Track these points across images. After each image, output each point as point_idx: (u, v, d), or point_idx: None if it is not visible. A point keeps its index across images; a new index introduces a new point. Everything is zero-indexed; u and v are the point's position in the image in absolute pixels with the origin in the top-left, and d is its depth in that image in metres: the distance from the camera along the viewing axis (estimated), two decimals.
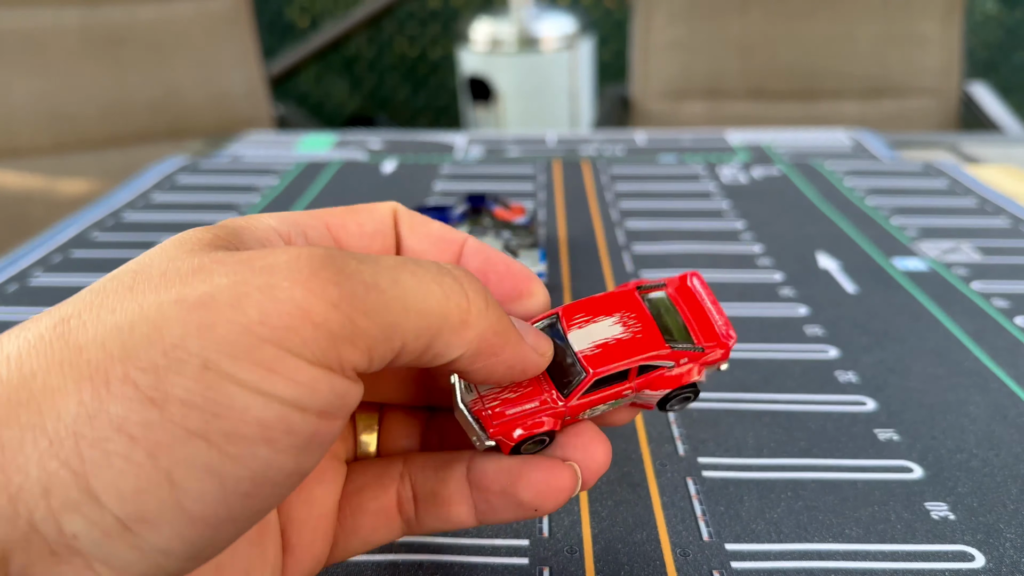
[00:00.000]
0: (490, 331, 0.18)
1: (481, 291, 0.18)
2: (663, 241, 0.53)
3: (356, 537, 0.21)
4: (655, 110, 1.34)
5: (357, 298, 0.15)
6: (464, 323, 0.17)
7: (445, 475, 0.21)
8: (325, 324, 0.14)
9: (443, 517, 0.21)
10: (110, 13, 1.20)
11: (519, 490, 0.20)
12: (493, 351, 0.18)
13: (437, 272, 0.17)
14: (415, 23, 2.08)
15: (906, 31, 1.26)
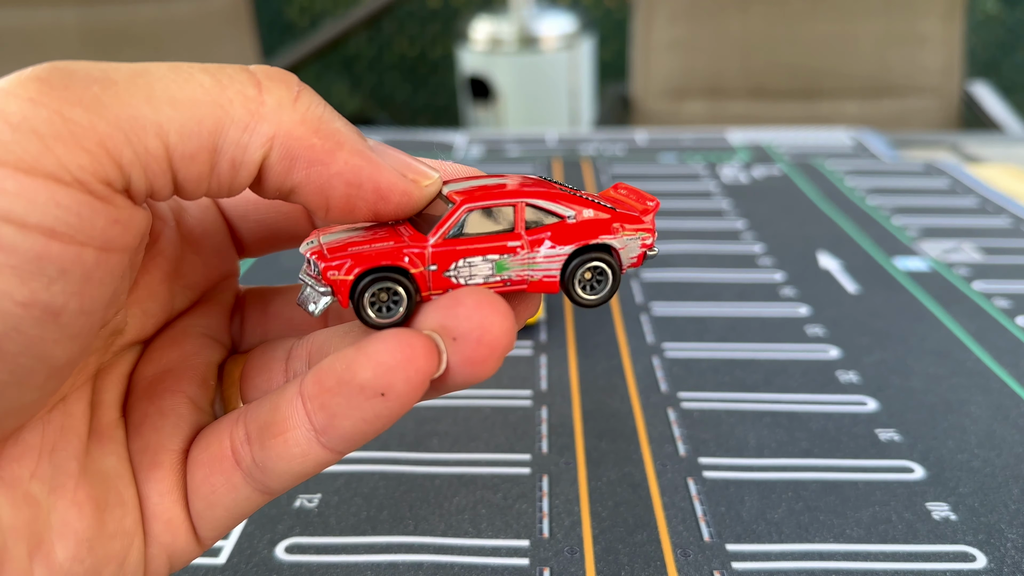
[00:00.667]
0: (303, 127, 0.14)
1: (287, 82, 0.14)
2: (663, 241, 0.53)
3: (200, 497, 0.17)
4: (655, 109, 1.34)
5: (70, 91, 0.12)
6: (254, 115, 0.14)
7: (277, 400, 0.17)
8: (25, 122, 0.12)
9: (281, 452, 0.16)
10: (109, 12, 1.20)
11: (356, 369, 0.15)
12: (317, 156, 0.15)
13: (216, 66, 0.14)
14: (415, 22, 2.08)
15: (907, 30, 1.26)
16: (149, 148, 0.13)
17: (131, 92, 0.13)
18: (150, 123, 0.13)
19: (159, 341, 0.19)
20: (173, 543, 0.17)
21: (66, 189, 0.12)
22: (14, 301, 0.12)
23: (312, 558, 0.27)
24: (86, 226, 0.13)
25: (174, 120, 0.13)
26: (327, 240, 0.17)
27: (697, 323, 0.42)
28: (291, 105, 0.14)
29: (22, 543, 0.14)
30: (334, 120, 0.15)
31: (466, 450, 0.32)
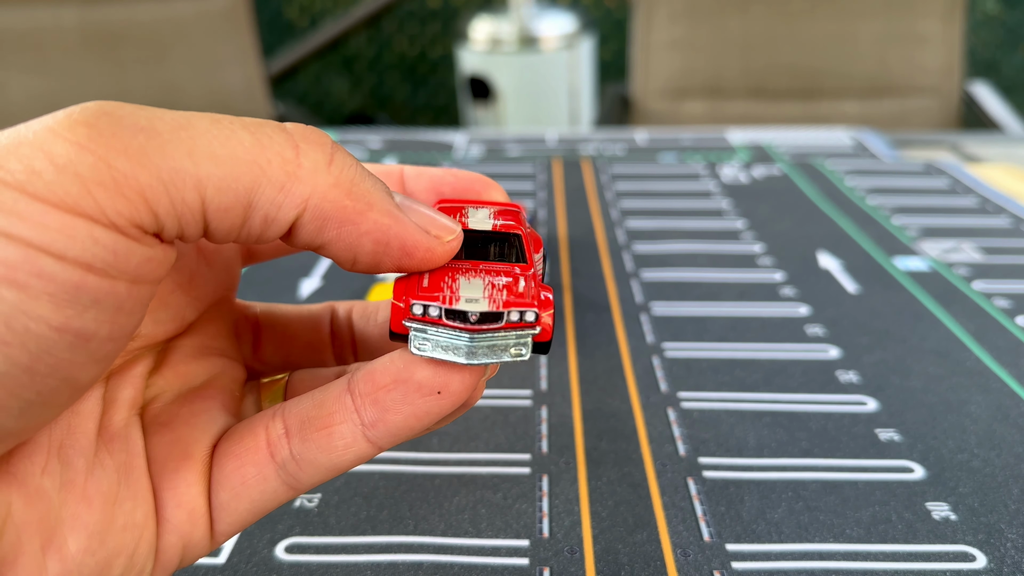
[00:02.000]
0: (336, 190, 0.15)
1: (323, 144, 0.15)
2: (663, 240, 0.53)
3: (227, 489, 0.18)
4: (655, 109, 1.34)
5: (116, 139, 0.13)
6: (291, 176, 0.14)
7: (322, 397, 0.18)
8: (70, 166, 0.13)
9: (323, 445, 0.17)
10: (109, 12, 1.20)
11: (415, 369, 0.17)
12: (348, 217, 0.15)
13: (255, 123, 0.15)
14: (415, 22, 2.08)
15: (907, 30, 1.26)
16: (186, 200, 0.14)
17: (174, 144, 0.13)
18: (190, 176, 0.13)
19: (179, 355, 0.20)
20: (191, 533, 0.17)
21: (103, 229, 0.13)
22: (50, 326, 0.13)
23: (312, 558, 0.27)
24: (120, 262, 0.13)
25: (213, 176, 0.14)
26: (465, 292, 0.18)
27: (697, 323, 0.42)
28: (326, 168, 0.15)
29: (35, 537, 0.15)
30: (365, 180, 0.16)
31: (466, 450, 0.32)
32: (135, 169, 0.13)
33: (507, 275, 0.18)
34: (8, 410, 0.13)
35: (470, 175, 0.20)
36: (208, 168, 0.14)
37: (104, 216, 0.13)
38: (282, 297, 0.46)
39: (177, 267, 0.19)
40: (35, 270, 0.12)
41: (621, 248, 0.52)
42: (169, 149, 0.13)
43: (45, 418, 0.14)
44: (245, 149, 0.14)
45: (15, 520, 0.15)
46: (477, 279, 0.18)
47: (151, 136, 0.13)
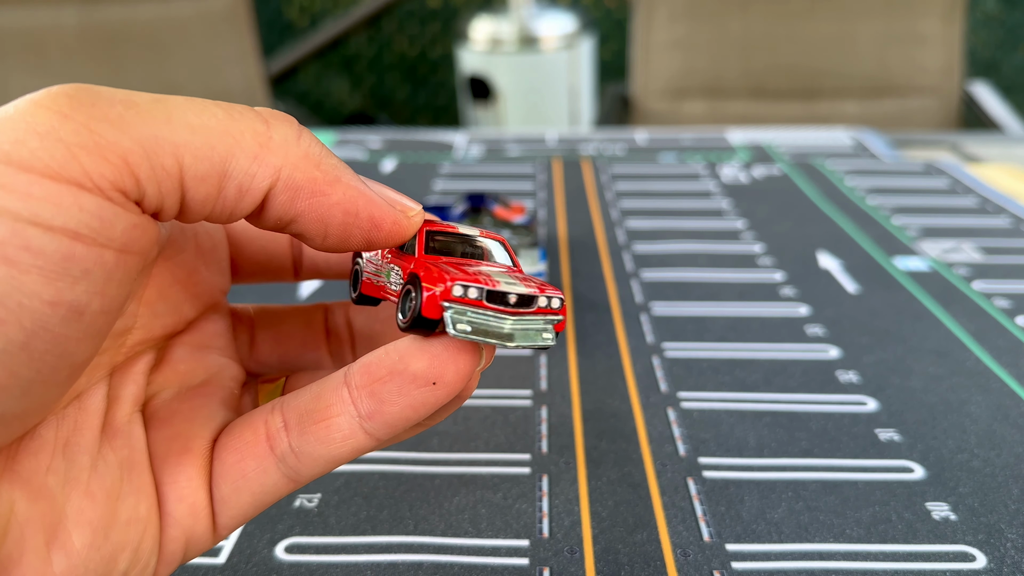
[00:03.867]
0: (307, 161, 0.16)
1: (290, 122, 0.16)
2: (663, 240, 0.53)
3: (228, 483, 0.18)
4: (655, 109, 1.34)
5: (96, 108, 0.13)
6: (263, 147, 0.15)
7: (319, 390, 0.18)
8: (53, 132, 0.13)
9: (321, 437, 0.17)
10: (109, 12, 1.20)
11: (411, 361, 0.17)
12: (318, 188, 0.16)
13: (227, 104, 0.15)
14: (415, 22, 2.08)
15: (907, 30, 1.26)
16: (165, 166, 0.14)
17: (152, 114, 0.14)
18: (168, 143, 0.14)
19: (179, 353, 0.20)
20: (194, 527, 0.18)
21: (89, 195, 0.13)
22: (42, 300, 0.13)
23: (312, 558, 0.27)
24: (107, 229, 0.13)
25: (190, 143, 0.14)
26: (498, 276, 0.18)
27: (697, 323, 0.42)
28: (295, 141, 0.16)
29: (40, 534, 0.15)
30: (331, 157, 0.16)
31: (466, 450, 0.32)
32: (116, 135, 0.13)
33: (512, 271, 0.19)
34: (9, 391, 0.13)
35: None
36: (185, 136, 0.14)
37: (89, 180, 0.13)
38: (281, 298, 0.46)
39: (176, 262, 0.20)
40: (23, 243, 0.12)
41: (621, 248, 0.52)
42: (148, 118, 0.14)
43: (47, 398, 0.14)
44: (219, 121, 0.15)
45: (19, 518, 0.15)
46: (494, 269, 0.19)
47: (129, 107, 0.14)
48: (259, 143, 0.15)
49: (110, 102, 0.14)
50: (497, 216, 0.49)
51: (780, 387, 0.36)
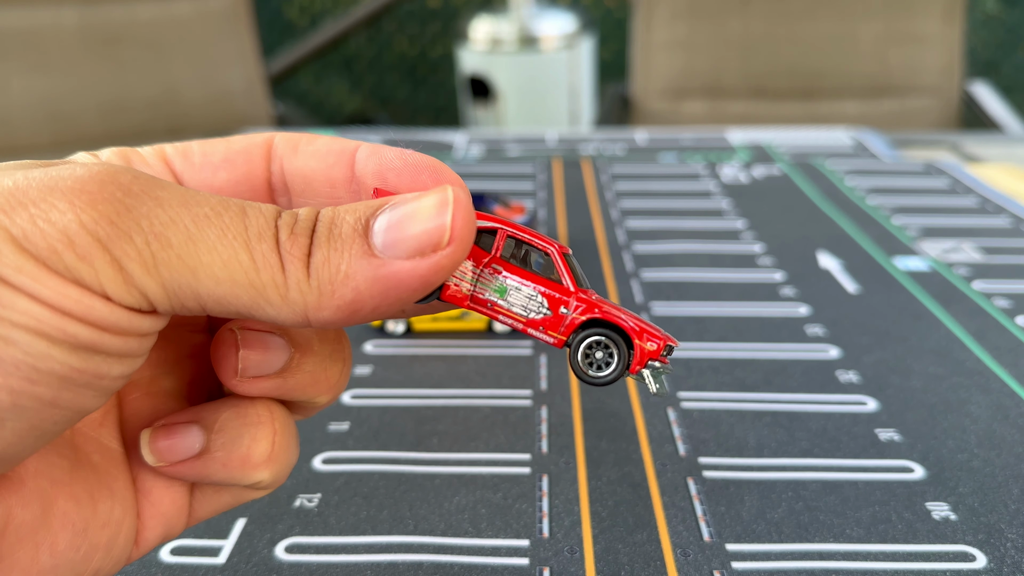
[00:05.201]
0: (322, 299, 0.16)
1: (299, 258, 0.16)
2: (663, 240, 0.53)
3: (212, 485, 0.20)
4: (655, 109, 1.34)
5: (131, 245, 0.14)
6: (284, 299, 0.15)
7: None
8: (88, 258, 0.14)
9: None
10: (109, 12, 1.20)
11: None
12: (343, 316, 0.16)
13: (256, 234, 0.15)
14: (415, 22, 2.08)
15: (907, 30, 1.26)
16: (186, 305, 0.15)
17: (182, 259, 0.15)
18: (192, 291, 0.15)
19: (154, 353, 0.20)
20: (175, 521, 0.19)
21: (114, 307, 0.14)
22: (71, 368, 0.14)
23: (312, 558, 0.27)
24: (131, 326, 0.15)
25: (213, 293, 0.15)
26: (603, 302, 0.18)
27: (697, 323, 0.42)
28: (306, 282, 0.16)
29: (32, 536, 0.16)
30: (342, 267, 0.16)
31: (466, 450, 0.32)
32: (143, 277, 0.14)
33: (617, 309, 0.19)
34: (25, 440, 0.15)
35: (419, 162, 0.19)
36: (209, 287, 0.15)
37: (115, 298, 0.14)
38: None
39: None
40: (59, 326, 0.14)
41: (621, 248, 0.52)
42: (177, 264, 0.15)
43: (47, 442, 0.15)
44: (243, 272, 0.15)
45: (15, 522, 0.16)
46: (621, 313, 0.19)
47: (164, 246, 0.15)
48: (280, 295, 0.15)
49: (146, 236, 0.14)
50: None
51: (780, 387, 0.36)
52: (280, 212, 0.16)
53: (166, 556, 0.27)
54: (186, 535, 0.28)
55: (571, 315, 0.18)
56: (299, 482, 0.31)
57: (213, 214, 0.15)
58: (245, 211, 0.15)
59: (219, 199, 0.15)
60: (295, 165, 0.20)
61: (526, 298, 0.18)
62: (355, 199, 0.20)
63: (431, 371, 0.38)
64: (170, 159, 0.20)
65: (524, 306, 0.18)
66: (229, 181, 0.20)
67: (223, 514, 0.29)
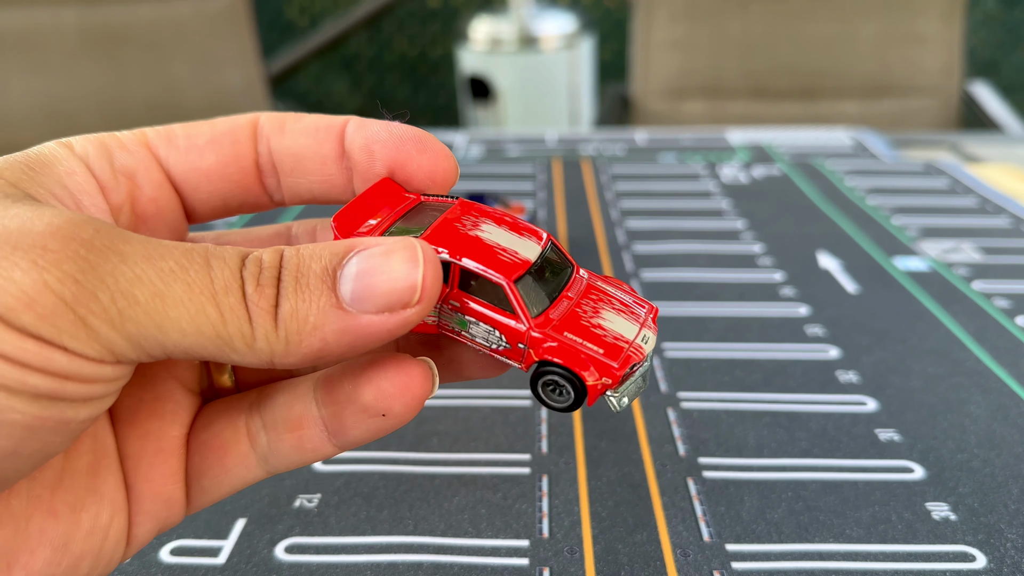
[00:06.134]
0: (288, 347, 0.16)
1: (266, 310, 0.15)
2: (663, 240, 0.53)
3: (209, 477, 0.19)
4: (655, 109, 1.34)
5: (96, 302, 0.14)
6: (250, 348, 0.15)
7: (292, 398, 0.19)
8: (50, 317, 0.14)
9: (294, 445, 0.19)
10: (108, 12, 1.20)
11: (361, 391, 0.18)
12: (310, 360, 0.16)
13: (223, 287, 0.15)
14: (415, 22, 2.08)
15: (907, 30, 1.26)
16: (151, 355, 0.15)
17: (149, 315, 0.14)
18: (158, 344, 0.15)
19: None
20: (168, 517, 0.19)
21: (76, 359, 0.14)
22: (35, 417, 0.14)
23: (312, 558, 0.27)
24: (94, 375, 0.15)
25: (180, 345, 0.15)
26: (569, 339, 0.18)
27: (697, 323, 0.42)
28: (274, 333, 0.16)
29: (2, 559, 0.16)
30: (310, 320, 0.16)
31: (466, 450, 0.32)
32: (109, 332, 0.14)
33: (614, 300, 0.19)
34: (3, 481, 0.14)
35: (403, 133, 0.20)
36: (175, 339, 0.15)
37: (77, 352, 0.14)
38: None
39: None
40: (17, 378, 0.14)
41: (621, 248, 0.52)
42: (144, 320, 0.14)
43: (15, 483, 0.15)
44: (211, 324, 0.15)
45: None
46: (612, 313, 0.19)
47: (130, 303, 0.14)
48: (247, 344, 0.15)
49: (111, 295, 0.14)
50: None
51: (780, 387, 0.36)
52: (244, 259, 0.16)
53: (166, 556, 0.27)
54: (186, 535, 0.28)
55: (526, 350, 0.18)
56: (299, 482, 0.31)
57: (178, 268, 0.15)
58: (210, 263, 0.15)
59: (183, 250, 0.15)
60: (283, 144, 0.20)
61: (485, 332, 0.18)
62: (345, 176, 0.20)
63: None
64: (153, 145, 0.19)
65: (484, 338, 0.18)
66: (217, 163, 0.20)
67: (223, 514, 0.29)
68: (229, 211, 0.21)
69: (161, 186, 0.20)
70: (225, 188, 0.20)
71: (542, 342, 0.18)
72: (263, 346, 0.15)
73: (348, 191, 0.20)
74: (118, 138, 0.19)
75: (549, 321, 0.18)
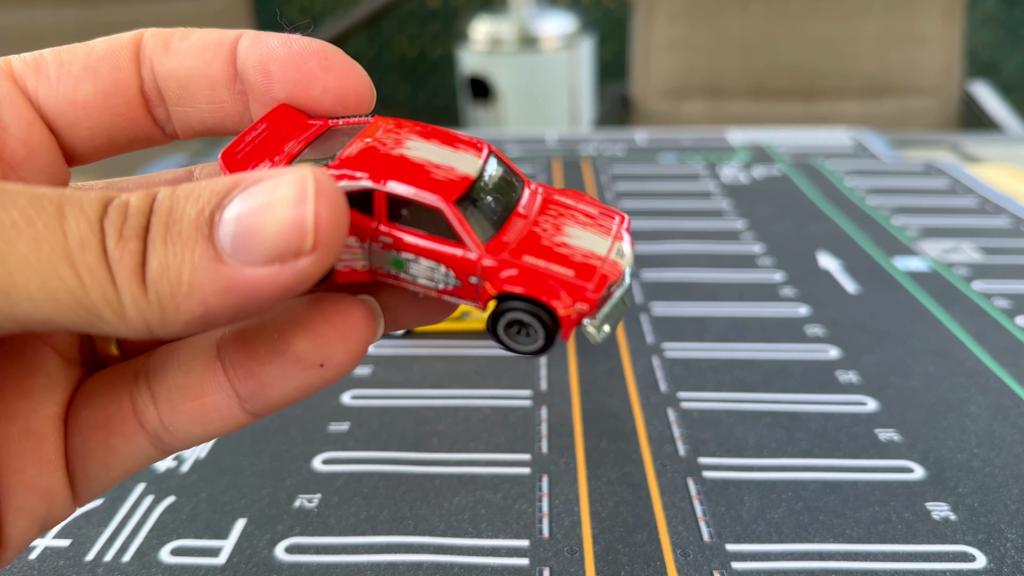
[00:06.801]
0: (163, 315, 0.13)
1: (131, 268, 0.12)
2: (663, 240, 0.53)
3: (93, 460, 0.16)
4: (655, 109, 1.34)
5: None
6: (120, 318, 0.13)
7: (188, 361, 0.16)
8: None
9: (195, 416, 0.16)
10: (109, 12, 1.20)
11: (292, 339, 0.15)
12: (190, 324, 0.13)
13: (78, 243, 0.12)
14: (415, 22, 2.08)
15: (907, 30, 1.26)
16: (5, 327, 0.12)
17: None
18: (7, 314, 0.12)
19: None
20: (48, 512, 0.16)
21: None
22: None
23: (312, 558, 0.27)
24: None
25: (34, 315, 0.12)
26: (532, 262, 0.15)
27: (697, 323, 0.42)
28: (143, 296, 0.13)
29: None
30: (184, 276, 0.13)
31: (466, 450, 0.32)
32: None
33: (577, 214, 0.16)
34: None
35: (304, 47, 0.16)
36: (27, 309, 0.12)
37: None
38: None
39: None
40: None
41: None
42: None
43: None
44: (67, 290, 0.12)
45: None
46: (577, 228, 0.16)
47: None
48: (115, 313, 0.13)
49: None
50: None
51: (780, 387, 0.36)
52: (107, 205, 0.13)
53: (166, 556, 0.27)
54: (186, 535, 0.28)
55: (480, 283, 0.15)
56: (299, 482, 0.31)
57: (23, 220, 0.12)
58: (63, 211, 0.12)
59: (29, 196, 0.12)
60: (167, 67, 0.17)
61: (428, 269, 0.15)
62: (240, 102, 0.17)
63: (431, 371, 0.38)
64: (19, 75, 0.17)
65: (428, 277, 0.15)
66: (95, 93, 0.17)
67: (223, 514, 0.29)
68: (117, 149, 0.18)
69: (32, 124, 0.17)
70: (108, 122, 0.17)
71: (498, 271, 0.15)
72: (133, 314, 0.13)
73: (245, 120, 0.18)
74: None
75: (503, 245, 0.15)
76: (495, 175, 0.16)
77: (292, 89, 0.17)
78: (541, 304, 0.15)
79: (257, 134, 0.16)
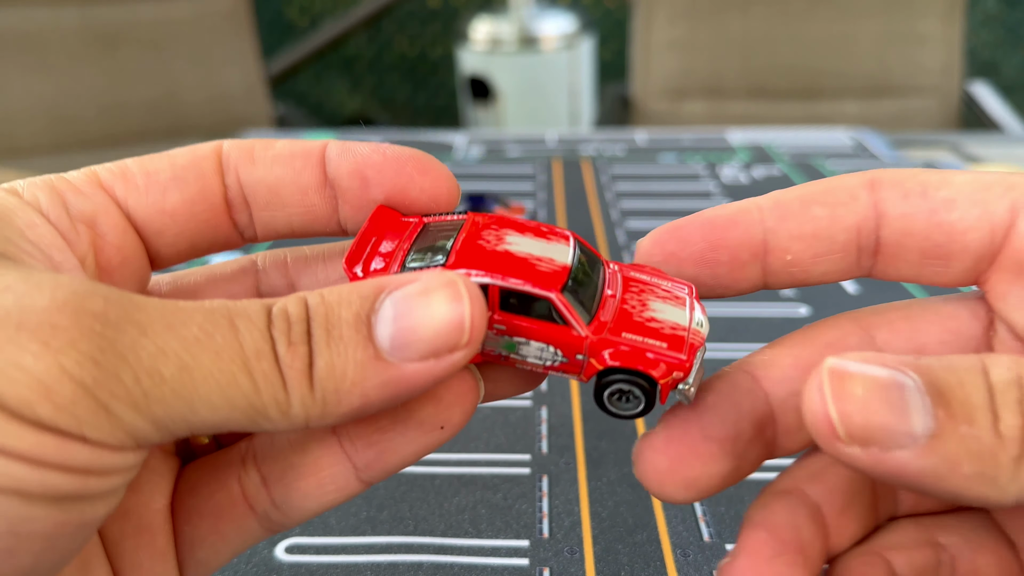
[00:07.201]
0: (325, 419, 0.14)
1: (301, 370, 0.14)
2: None
3: (204, 547, 0.17)
4: (655, 109, 1.34)
5: (119, 385, 0.12)
6: (285, 415, 0.14)
7: (301, 439, 0.17)
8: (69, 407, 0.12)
9: (311, 492, 0.17)
10: (108, 12, 1.20)
11: (416, 406, 0.16)
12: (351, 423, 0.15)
13: (254, 352, 0.13)
14: (415, 22, 2.08)
15: (907, 30, 1.26)
16: (175, 435, 0.13)
17: (176, 393, 0.13)
18: (185, 422, 0.13)
19: None
20: None
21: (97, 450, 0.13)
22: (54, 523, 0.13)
23: (312, 558, 0.27)
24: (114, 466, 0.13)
25: (207, 422, 0.13)
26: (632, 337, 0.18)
27: None
28: (310, 397, 0.14)
29: None
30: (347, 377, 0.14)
31: (466, 450, 0.32)
32: (134, 417, 0.13)
33: (655, 288, 0.19)
34: None
35: (399, 153, 0.18)
36: (204, 416, 0.13)
37: (98, 442, 0.13)
38: None
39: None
40: (39, 480, 0.12)
41: (621, 248, 0.52)
42: (171, 400, 0.13)
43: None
44: (243, 396, 0.13)
45: None
46: (659, 303, 0.19)
47: (156, 382, 0.13)
48: (281, 412, 0.14)
49: (135, 373, 0.13)
50: None
51: None
52: (270, 315, 0.14)
53: None
54: None
55: (586, 359, 0.17)
56: None
57: (203, 335, 0.13)
58: (234, 323, 0.14)
59: (204, 312, 0.13)
60: (255, 176, 0.18)
61: (537, 349, 0.17)
62: (330, 205, 0.18)
63: None
64: (107, 185, 0.17)
65: (538, 356, 0.17)
66: (183, 201, 0.18)
67: None
68: (196, 253, 0.19)
69: (125, 232, 0.18)
70: (193, 228, 0.18)
71: (602, 348, 0.17)
72: (299, 411, 0.14)
73: (332, 221, 0.19)
74: (67, 180, 0.17)
75: (603, 325, 0.17)
76: (582, 260, 0.18)
77: (390, 191, 0.18)
78: (642, 374, 0.18)
79: (364, 237, 0.18)
